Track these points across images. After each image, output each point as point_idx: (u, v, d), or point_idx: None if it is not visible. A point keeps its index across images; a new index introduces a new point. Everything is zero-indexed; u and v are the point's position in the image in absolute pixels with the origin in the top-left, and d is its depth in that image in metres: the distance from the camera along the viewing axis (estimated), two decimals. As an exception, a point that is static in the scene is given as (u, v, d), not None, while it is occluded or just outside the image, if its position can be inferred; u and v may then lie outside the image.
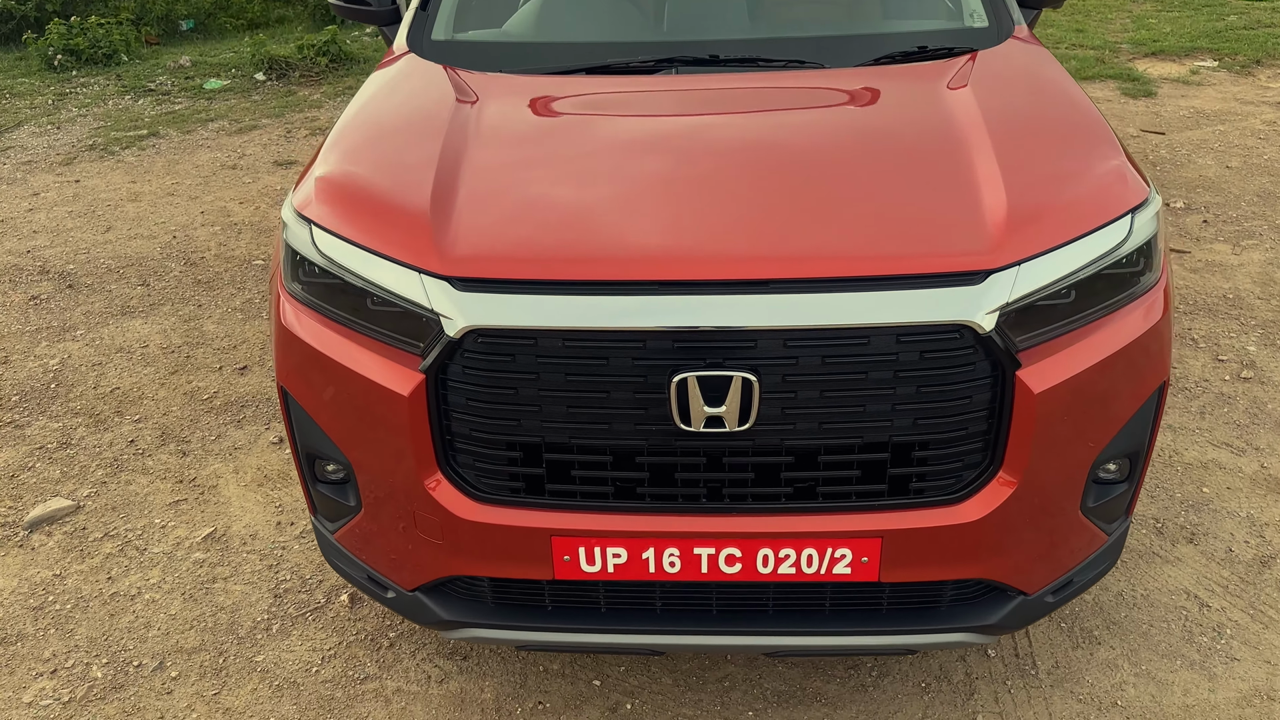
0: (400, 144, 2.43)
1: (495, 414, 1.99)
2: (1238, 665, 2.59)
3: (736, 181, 2.14)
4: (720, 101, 2.53)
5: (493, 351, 1.94)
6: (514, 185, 2.20)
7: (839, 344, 1.89)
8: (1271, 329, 4.11)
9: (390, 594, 2.29)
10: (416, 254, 2.02)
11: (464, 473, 2.08)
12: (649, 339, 1.90)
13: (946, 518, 2.01)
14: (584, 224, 2.06)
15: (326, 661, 2.69)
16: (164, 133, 7.05)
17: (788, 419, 1.94)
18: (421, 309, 1.97)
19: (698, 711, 2.51)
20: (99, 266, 5.04)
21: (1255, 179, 5.63)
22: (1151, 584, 2.85)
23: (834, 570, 2.05)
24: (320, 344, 2.14)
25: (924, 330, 1.89)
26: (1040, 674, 2.58)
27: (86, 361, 4.18)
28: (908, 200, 2.08)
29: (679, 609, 2.18)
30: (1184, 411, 3.60)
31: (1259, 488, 3.21)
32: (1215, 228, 5.06)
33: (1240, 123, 6.55)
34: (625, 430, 1.97)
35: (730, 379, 1.88)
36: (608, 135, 2.37)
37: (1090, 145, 2.27)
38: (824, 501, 2.02)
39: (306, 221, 2.20)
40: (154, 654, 2.74)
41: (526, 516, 2.06)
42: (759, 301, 1.89)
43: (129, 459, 3.55)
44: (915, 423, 1.95)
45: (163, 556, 3.09)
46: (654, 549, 2.04)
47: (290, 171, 6.24)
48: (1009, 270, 1.92)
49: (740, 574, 2.06)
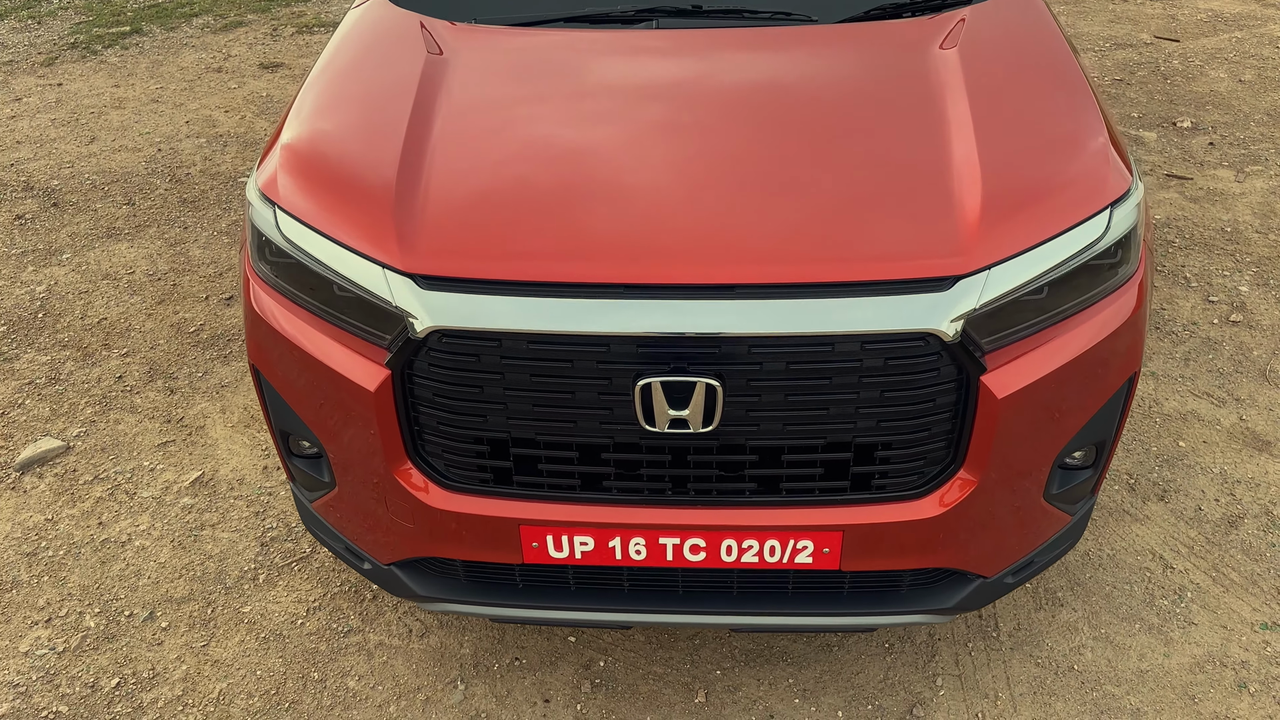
0: (367, 117, 2.36)
1: (461, 410, 2.00)
2: (1194, 630, 2.66)
3: (708, 180, 2.08)
4: (697, 79, 2.43)
5: (458, 351, 1.94)
6: (480, 173, 2.15)
7: (803, 350, 1.88)
8: (1266, 266, 4.06)
9: (367, 565, 2.35)
10: (380, 247, 1.99)
11: (433, 462, 2.10)
12: (613, 343, 1.89)
13: (907, 513, 2.04)
14: (550, 222, 2.02)
15: (311, 613, 2.78)
16: (147, 29, 6.83)
17: (751, 421, 1.95)
18: (386, 305, 1.96)
19: (668, 669, 2.60)
20: (84, 182, 4.97)
21: (1268, 95, 5.46)
22: (1119, 543, 2.90)
23: (796, 560, 2.09)
24: (288, 329, 2.13)
25: (889, 338, 1.87)
26: (1001, 636, 2.66)
27: (73, 289, 4.17)
28: (880, 199, 2.03)
29: (646, 589, 2.23)
30: (1169, 358, 3.59)
31: (1235, 442, 3.23)
32: (1220, 150, 4.93)
33: (1259, 29, 6.30)
34: (590, 429, 1.98)
35: (694, 384, 1.88)
36: (580, 122, 2.30)
37: (1075, 128, 2.21)
38: (787, 496, 2.04)
39: (270, 204, 2.17)
40: (144, 604, 2.83)
41: (495, 506, 2.09)
42: (724, 307, 1.87)
43: (117, 396, 3.59)
44: (879, 425, 1.96)
45: (152, 501, 3.16)
46: (620, 538, 2.08)
47: (276, 76, 6.08)
48: (979, 275, 1.89)
49: (705, 562, 2.11)
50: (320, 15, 6.99)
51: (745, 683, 2.57)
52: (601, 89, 2.40)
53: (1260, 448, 3.20)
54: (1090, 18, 6.59)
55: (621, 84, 2.41)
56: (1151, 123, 5.24)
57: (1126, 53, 6.07)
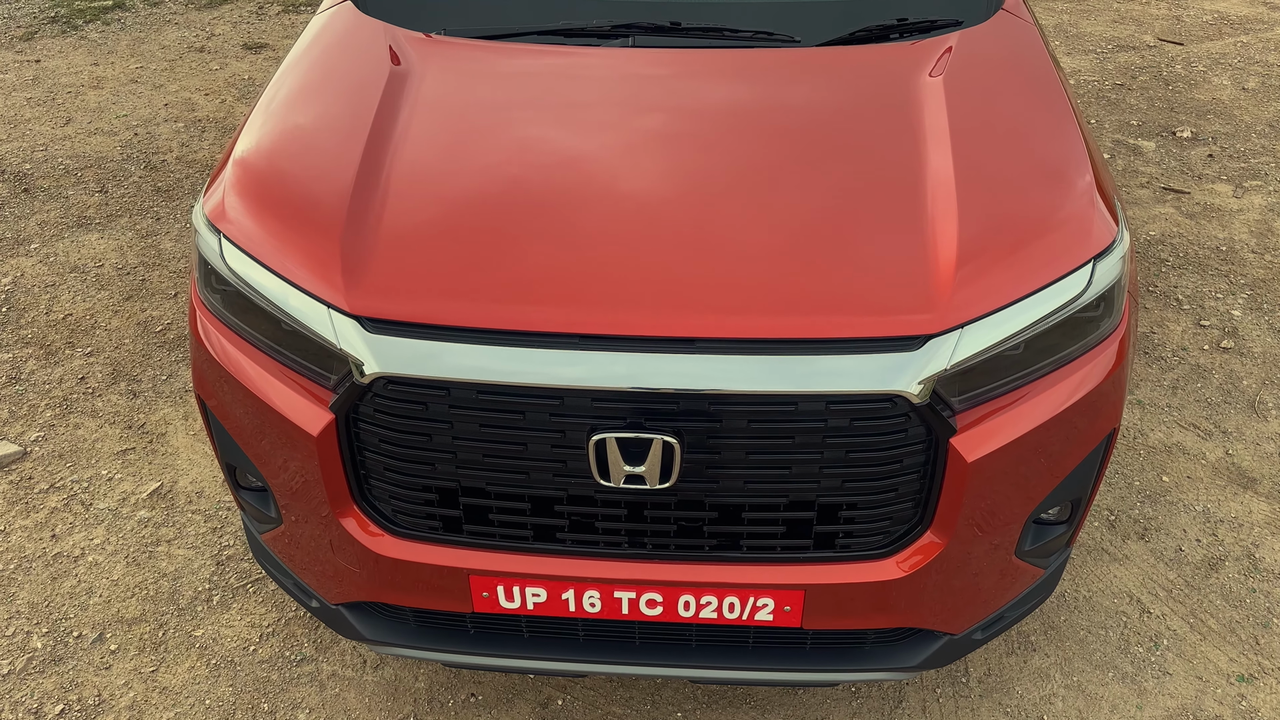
0: (321, 140, 2.26)
1: (409, 458, 1.92)
2: (1169, 681, 2.59)
3: (672, 224, 1.98)
4: (670, 108, 2.31)
5: (405, 399, 1.85)
6: (436, 208, 2.05)
7: (766, 408, 1.79)
8: (1260, 290, 3.97)
9: (315, 603, 2.27)
10: (326, 285, 1.90)
11: (380, 507, 2.02)
12: (567, 396, 1.80)
13: (871, 573, 1.96)
14: (504, 265, 1.92)
15: (264, 640, 2.71)
16: (130, 4, 6.67)
17: (711, 478, 1.86)
18: (331, 346, 1.87)
19: (627, 710, 2.54)
20: (56, 167, 4.85)
21: (1271, 104, 5.35)
22: (1096, 584, 2.83)
23: (756, 617, 2.01)
24: (232, 364, 2.04)
25: (854, 399, 1.78)
26: (971, 682, 2.59)
27: (40, 282, 4.07)
28: (851, 249, 1.93)
29: (601, 639, 2.16)
30: (1156, 385, 3.51)
31: (1219, 478, 3.15)
32: (1220, 163, 4.83)
33: (1265, 33, 6.17)
34: (543, 481, 1.90)
35: (651, 440, 1.80)
36: (544, 152, 2.19)
37: (1061, 174, 2.10)
38: (747, 553, 1.96)
39: (216, 232, 2.07)
40: (94, 624, 2.75)
41: (444, 554, 2.01)
42: (683, 363, 1.78)
43: (78, 399, 3.50)
44: (843, 485, 1.87)
45: (108, 514, 3.07)
46: (574, 591, 2.01)
47: (260, 57, 5.94)
48: (950, 334, 1.80)
49: (661, 616, 2.03)
50: (308, -7, 6.83)
51: (706, 726, 2.51)
52: (569, 117, 2.29)
53: (1245, 485, 3.13)
54: (1094, 17, 6.45)
55: (590, 112, 2.30)
56: (1151, 131, 5.12)
57: (1129, 55, 5.94)
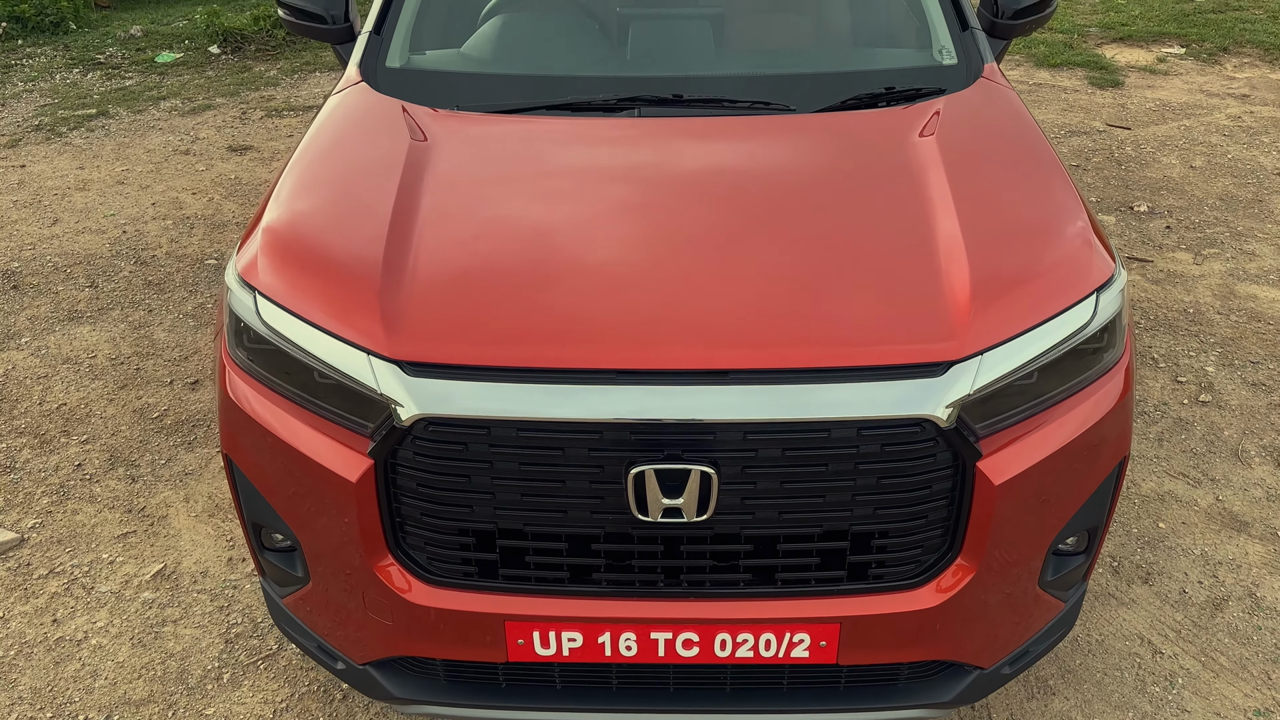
0: (350, 201, 2.34)
1: (447, 500, 1.94)
2: (1188, 718, 2.61)
3: (698, 263, 2.07)
4: (682, 165, 2.44)
5: (444, 439, 1.89)
6: (468, 257, 2.12)
7: (799, 436, 1.85)
8: (1229, 347, 4.13)
9: (340, 665, 2.24)
10: (365, 333, 1.95)
11: (415, 555, 2.03)
12: (605, 430, 1.85)
13: (904, 604, 1.99)
14: (540, 307, 1.99)
15: (278, 715, 2.65)
16: (114, 112, 6.81)
17: (747, 509, 1.90)
18: (371, 392, 1.91)
19: (654, 770, 2.50)
20: (45, 264, 4.88)
21: (1218, 180, 5.64)
22: (1107, 628, 2.87)
23: (792, 654, 2.03)
24: (265, 418, 2.07)
25: (885, 424, 1.85)
26: (995, 727, 2.60)
27: (32, 374, 4.05)
28: (871, 284, 2.03)
29: (635, 687, 2.15)
30: (1142, 438, 3.61)
31: (1213, 523, 3.23)
32: (1178, 234, 5.06)
33: (1205, 117, 6.54)
34: (581, 518, 1.93)
35: (689, 471, 1.84)
36: (567, 206, 2.29)
37: (1057, 217, 2.23)
38: (782, 587, 1.99)
39: (250, 289, 2.12)
40: (101, 707, 2.68)
41: (480, 601, 2.01)
42: (719, 393, 1.84)
43: (76, 485, 3.46)
44: (875, 512, 1.92)
45: (110, 596, 3.02)
46: (610, 634, 2.01)
47: (245, 159, 6.07)
48: (971, 360, 1.89)
49: (698, 657, 2.04)
50: (290, 99, 7.01)
51: (735, 782, 2.47)
52: (588, 176, 2.39)
53: (1238, 529, 3.21)
54: (1045, 106, 6.80)
55: (607, 171, 2.41)
56: (1110, 207, 5.37)
57: (1081, 139, 6.25)
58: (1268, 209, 5.30)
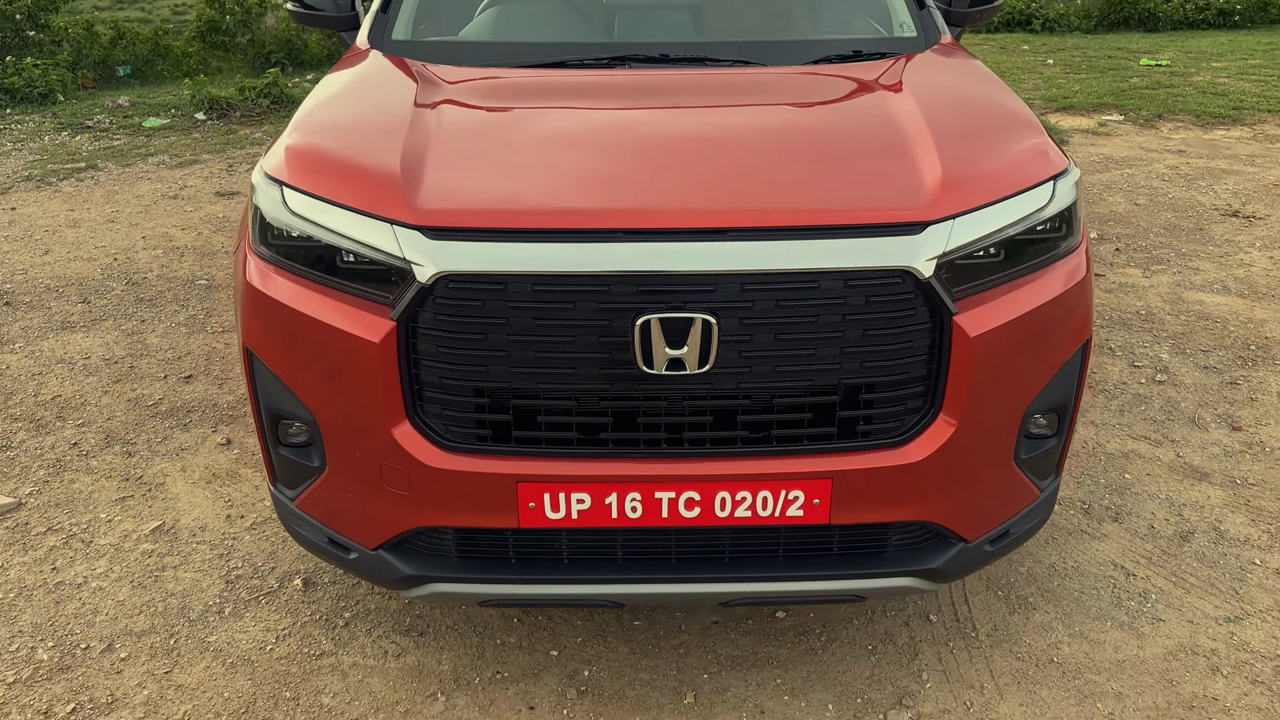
0: (369, 115, 2.53)
1: (464, 360, 2.06)
2: (1163, 625, 2.73)
3: (695, 146, 2.28)
4: (674, 86, 2.69)
5: (463, 297, 2.02)
6: (481, 148, 2.31)
7: (791, 288, 2.01)
8: (1181, 339, 4.37)
9: (353, 555, 2.31)
10: (388, 207, 2.10)
11: (431, 422, 2.13)
12: (614, 283, 2.00)
13: (892, 459, 2.13)
14: (551, 180, 2.17)
15: (281, 640, 2.69)
16: (103, 165, 7.01)
17: (744, 362, 2.05)
18: (394, 259, 2.05)
19: (654, 675, 2.56)
20: (37, 285, 4.99)
21: (1161, 214, 6.00)
22: (1081, 557, 2.99)
23: (787, 513, 2.14)
24: (290, 300, 2.19)
25: (869, 275, 2.02)
26: (980, 636, 2.69)
27: (26, 372, 4.12)
28: (853, 164, 2.24)
29: (639, 557, 2.24)
30: (1104, 410, 3.80)
31: (1176, 474, 3.40)
32: (1126, 255, 5.37)
33: (1145, 167, 6.97)
34: (590, 374, 2.05)
35: (691, 321, 1.99)
36: (572, 106, 2.51)
37: (1015, 125, 2.47)
38: (778, 445, 2.12)
39: (277, 183, 2.27)
40: (102, 637, 2.70)
41: (493, 464, 2.12)
42: (719, 248, 2.01)
43: (72, 459, 3.51)
44: (862, 366, 2.07)
45: (109, 548, 3.05)
46: (617, 494, 2.12)
47: (232, 203, 6.26)
48: (945, 223, 2.07)
49: (699, 518, 2.14)
50: (275, 155, 7.25)
51: (733, 684, 2.54)
52: (589, 90, 2.63)
53: (1200, 478, 3.38)
54: (996, 160, 7.19)
55: (607, 87, 2.64)
56: (1062, 236, 5.67)
57: (1032, 185, 6.61)
58: (1208, 235, 5.64)
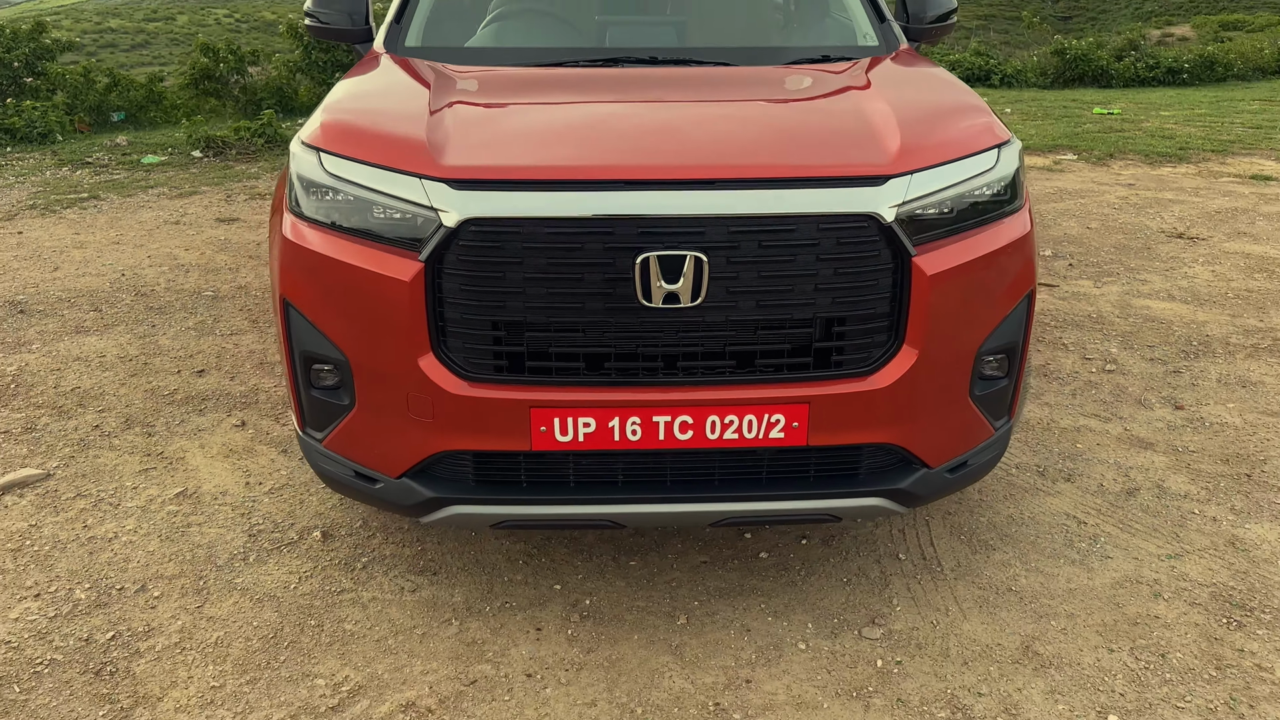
0: (392, 97, 2.85)
1: (483, 297, 2.34)
2: (1110, 561, 3.01)
3: (686, 116, 2.62)
4: (664, 77, 3.04)
5: (484, 240, 2.31)
6: (495, 118, 2.63)
7: (771, 231, 2.32)
8: (1129, 337, 4.71)
9: (379, 484, 2.56)
10: (417, 164, 2.40)
11: (453, 354, 2.40)
12: (618, 225, 2.29)
13: (862, 385, 2.42)
14: (561, 141, 2.48)
15: (303, 580, 2.91)
16: (105, 196, 7.28)
17: (731, 297, 2.34)
18: (423, 207, 2.34)
19: (649, 603, 2.80)
20: (49, 297, 5.22)
21: (1112, 236, 6.40)
22: (1037, 509, 3.28)
23: (770, 435, 2.42)
24: (327, 250, 2.47)
25: (839, 219, 2.33)
26: (945, 571, 2.96)
27: (45, 368, 4.34)
28: (824, 131, 2.58)
29: (638, 480, 2.50)
30: (1058, 394, 4.12)
31: (1123, 444, 3.71)
32: (1079, 269, 5.74)
33: (1098, 197, 7.40)
34: (595, 309, 2.34)
35: (684, 259, 2.29)
36: (574, 86, 2.84)
37: (965, 106, 2.81)
38: (761, 373, 2.41)
39: (315, 149, 2.56)
40: (135, 580, 2.91)
41: (508, 392, 2.39)
42: (708, 196, 2.32)
43: (95, 439, 3.73)
44: (834, 301, 2.37)
45: (136, 510, 3.27)
46: (619, 418, 2.39)
47: (233, 227, 6.53)
48: (904, 177, 2.39)
49: (692, 440, 2.42)
50: (272, 187, 7.56)
51: (721, 609, 2.78)
52: (588, 77, 2.97)
53: (1145, 447, 3.68)
54: (958, 192, 7.61)
55: (604, 75, 2.98)
56: (1020, 254, 6.05)
57: (992, 213, 7.02)
58: (1155, 253, 6.04)
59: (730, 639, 2.68)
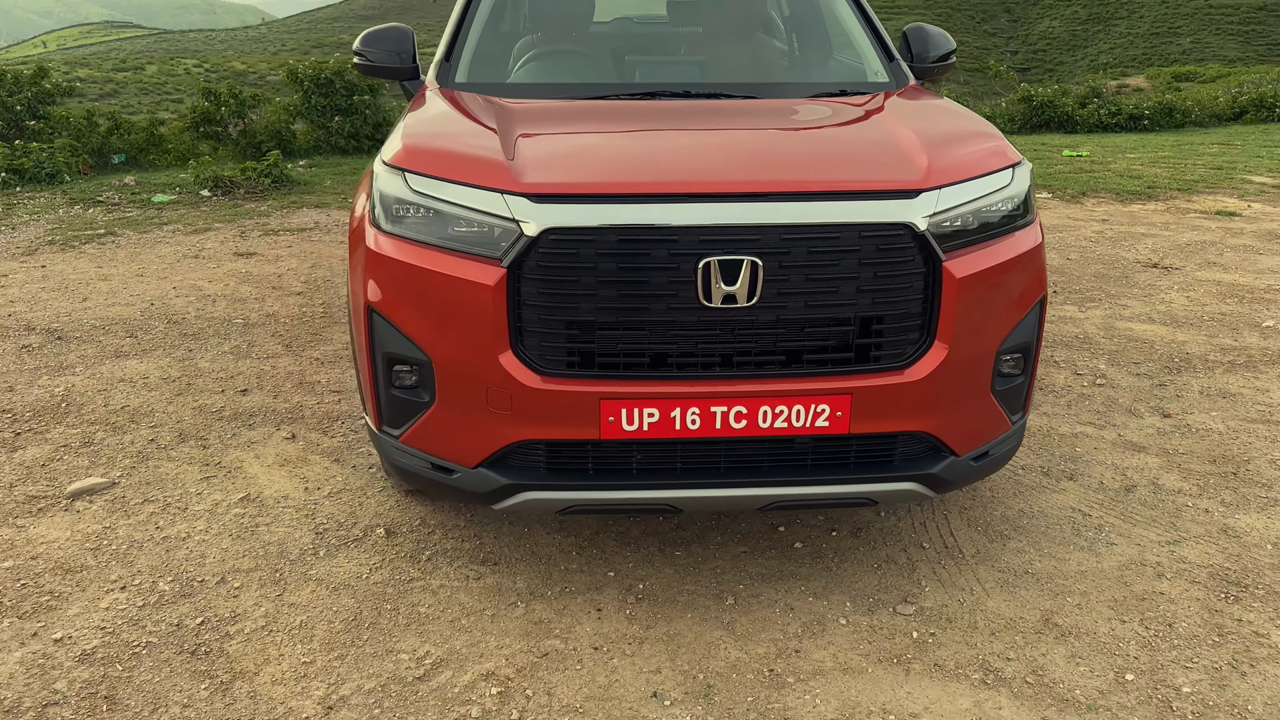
0: (462, 123, 3.13)
1: (559, 299, 2.60)
2: (1116, 547, 3.28)
3: (736, 137, 2.92)
4: (703, 107, 3.34)
5: (561, 248, 2.57)
6: (563, 140, 2.93)
7: (818, 238, 2.60)
8: (1116, 355, 5.03)
9: (455, 474, 2.79)
10: (498, 181, 2.66)
11: (530, 352, 2.65)
12: (682, 234, 2.57)
13: (898, 378, 2.69)
14: (627, 159, 2.77)
15: (374, 571, 3.11)
16: (121, 232, 7.48)
17: (782, 298, 2.61)
18: (505, 219, 2.60)
19: (698, 587, 3.04)
20: (84, 325, 5.40)
21: (1091, 266, 6.77)
22: (1044, 504, 3.55)
23: (816, 423, 2.68)
24: (411, 259, 2.72)
25: (878, 228, 2.62)
26: (966, 557, 3.21)
27: (91, 389, 4.53)
28: (860, 151, 2.89)
29: (694, 467, 2.75)
30: (1054, 405, 4.41)
31: (1119, 448, 4.00)
32: (1063, 295, 6.09)
33: (1074, 231, 7.80)
34: (660, 309, 2.60)
35: (741, 263, 2.56)
36: (624, 115, 3.14)
37: (979, 131, 3.12)
38: (808, 367, 2.67)
39: (400, 170, 2.82)
40: (214, 573, 3.10)
41: (580, 385, 2.64)
42: (763, 207, 2.60)
43: (153, 452, 3.92)
44: (874, 302, 2.65)
45: (204, 513, 3.46)
46: (680, 409, 2.64)
47: (252, 261, 6.75)
48: (934, 191, 2.69)
49: (745, 429, 2.67)
50: (284, 224, 7.80)
51: (765, 591, 3.02)
52: (640, 109, 3.26)
53: (1139, 450, 3.98)
54: (943, 227, 7.99)
55: (654, 107, 3.28)
56: (1007, 283, 6.40)
57: (977, 246, 7.39)
58: (1134, 281, 6.40)
59: (776, 616, 2.91)
